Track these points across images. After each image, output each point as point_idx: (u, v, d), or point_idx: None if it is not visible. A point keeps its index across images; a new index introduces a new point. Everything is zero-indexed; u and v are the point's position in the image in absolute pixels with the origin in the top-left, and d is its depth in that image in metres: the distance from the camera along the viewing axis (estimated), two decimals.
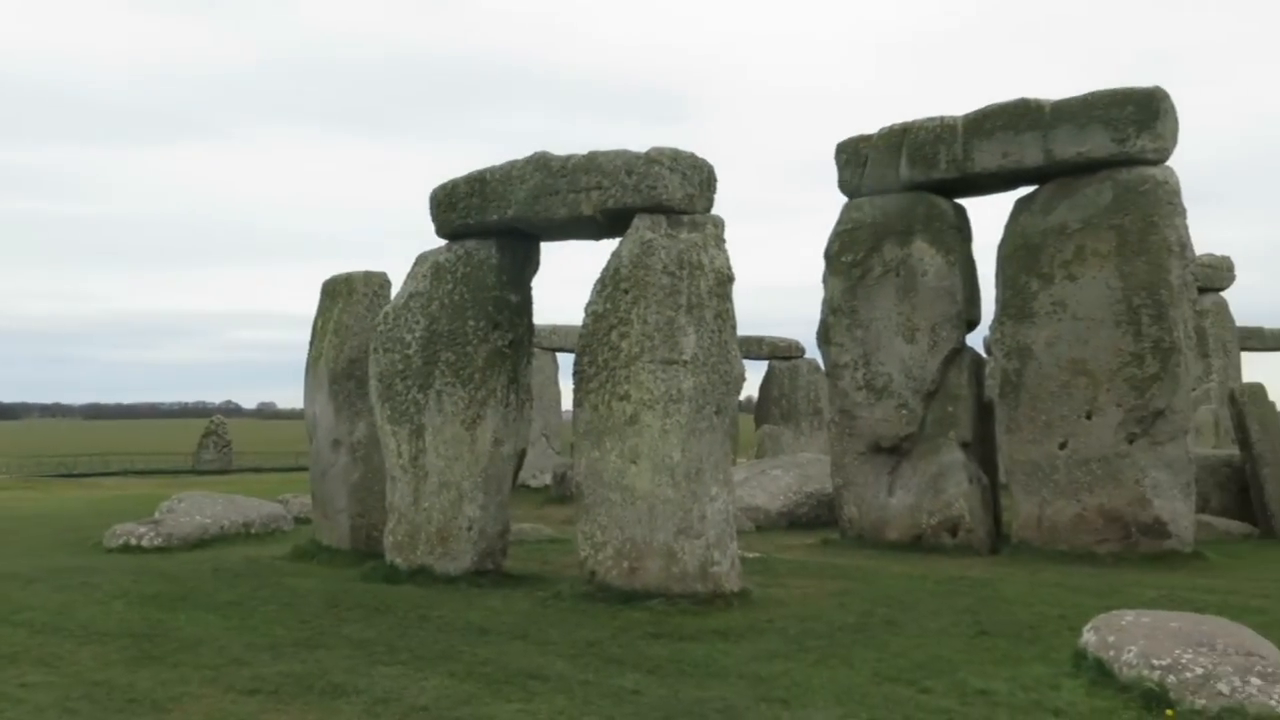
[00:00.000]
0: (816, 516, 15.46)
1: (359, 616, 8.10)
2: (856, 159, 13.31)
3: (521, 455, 10.32)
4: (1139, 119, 11.41)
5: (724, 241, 9.15)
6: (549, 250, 10.55)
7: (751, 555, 11.05)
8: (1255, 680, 5.29)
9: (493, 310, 10.03)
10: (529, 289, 10.40)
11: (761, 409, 29.10)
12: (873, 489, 12.86)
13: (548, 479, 22.14)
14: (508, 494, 10.13)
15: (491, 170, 10.02)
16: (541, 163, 9.62)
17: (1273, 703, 5.17)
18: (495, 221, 9.92)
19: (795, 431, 27.52)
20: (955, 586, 9.43)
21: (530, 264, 10.38)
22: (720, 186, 9.29)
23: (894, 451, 12.73)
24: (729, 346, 8.90)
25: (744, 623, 7.75)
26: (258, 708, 5.71)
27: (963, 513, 12.20)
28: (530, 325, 10.40)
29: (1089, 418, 11.50)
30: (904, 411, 12.62)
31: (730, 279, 9.02)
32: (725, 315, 8.91)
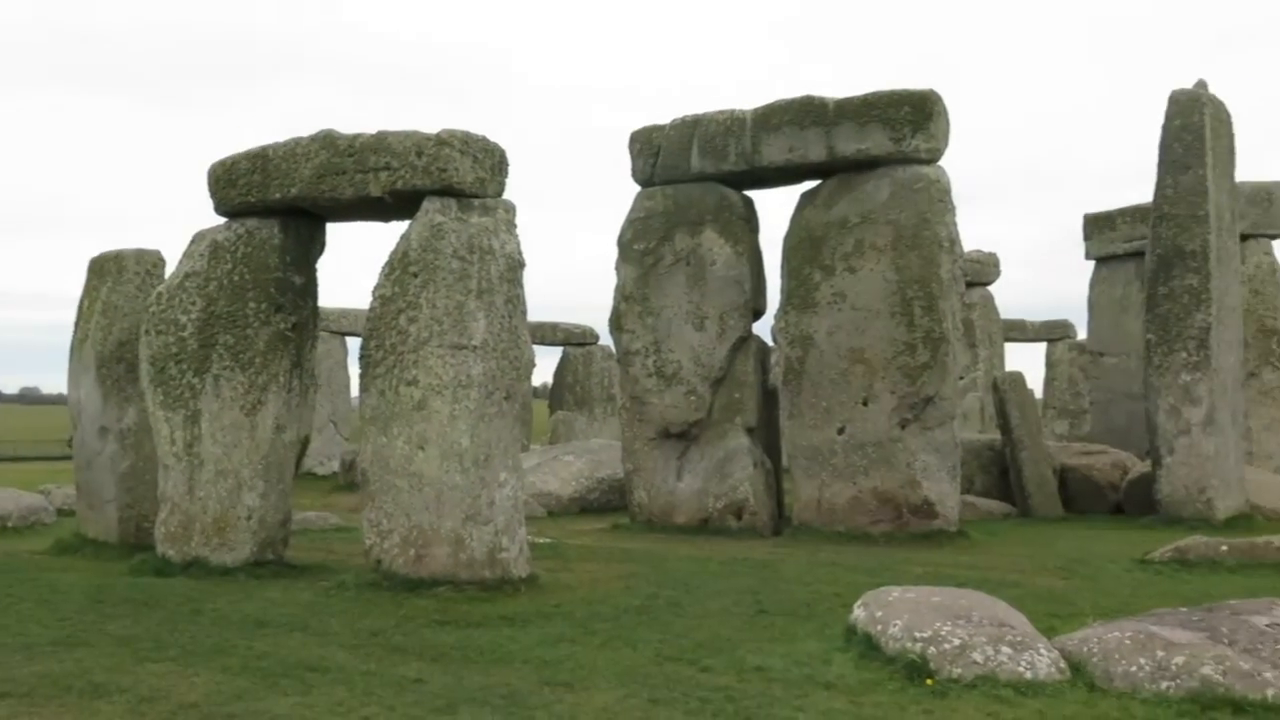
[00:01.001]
0: (608, 501, 15.63)
1: (125, 612, 7.70)
2: (649, 149, 13.48)
3: (305, 442, 10.03)
4: (914, 120, 11.97)
5: (515, 226, 9.11)
6: (341, 231, 10.27)
7: (542, 541, 11.07)
8: (1006, 649, 5.64)
9: (275, 292, 9.69)
10: (314, 270, 10.10)
11: (555, 395, 29.19)
12: (662, 474, 13.09)
13: (336, 466, 21.61)
14: (290, 482, 9.83)
15: (275, 146, 9.67)
16: (328, 141, 9.35)
17: (1021, 669, 5.53)
18: (278, 200, 9.59)
19: (589, 417, 27.74)
20: (738, 567, 9.70)
21: (315, 244, 10.08)
22: (514, 172, 9.25)
23: (683, 437, 12.99)
24: (519, 332, 8.88)
25: (531, 608, 7.75)
26: (8, 712, 5.35)
27: (747, 496, 12.56)
28: (315, 308, 10.10)
29: (866, 404, 12.02)
30: (693, 398, 12.88)
31: (521, 264, 8.99)
32: (516, 301, 8.88)
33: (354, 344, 24.30)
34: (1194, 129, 13.19)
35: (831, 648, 6.34)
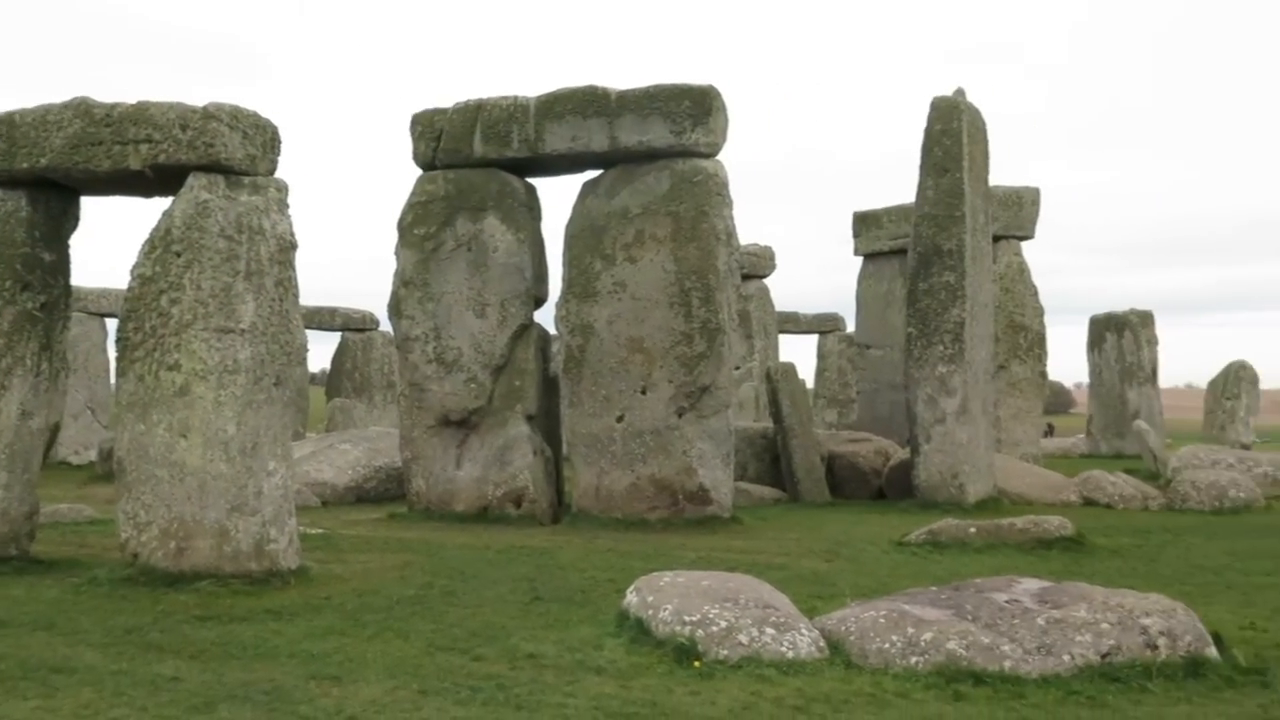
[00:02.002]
0: (386, 491, 15.32)
1: None
2: (431, 132, 13.25)
3: (55, 429, 9.42)
4: (694, 114, 12.19)
5: (288, 207, 8.80)
6: (100, 206, 9.67)
7: (314, 531, 10.76)
8: (770, 630, 5.85)
9: (22, 269, 9.05)
10: (66, 247, 9.48)
11: (334, 382, 28.41)
12: (441, 462, 12.93)
13: (93, 455, 20.39)
14: (37, 472, 9.21)
15: (23, 112, 9.01)
16: (83, 109, 8.78)
17: (783, 649, 5.74)
18: (26, 170, 8.94)
19: (368, 405, 27.11)
20: (515, 555, 9.69)
21: (68, 219, 9.46)
22: (289, 150, 8.93)
23: (463, 425, 12.86)
24: (290, 316, 8.59)
25: (300, 601, 7.53)
26: None
27: (527, 484, 12.55)
28: (68, 286, 9.49)
29: (644, 393, 12.20)
30: (473, 385, 12.77)
31: (293, 246, 8.69)
32: (287, 283, 8.58)
33: (114, 326, 23.04)
34: (953, 134, 13.96)
35: (604, 633, 6.41)
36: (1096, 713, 5.01)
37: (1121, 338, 24.71)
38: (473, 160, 13.00)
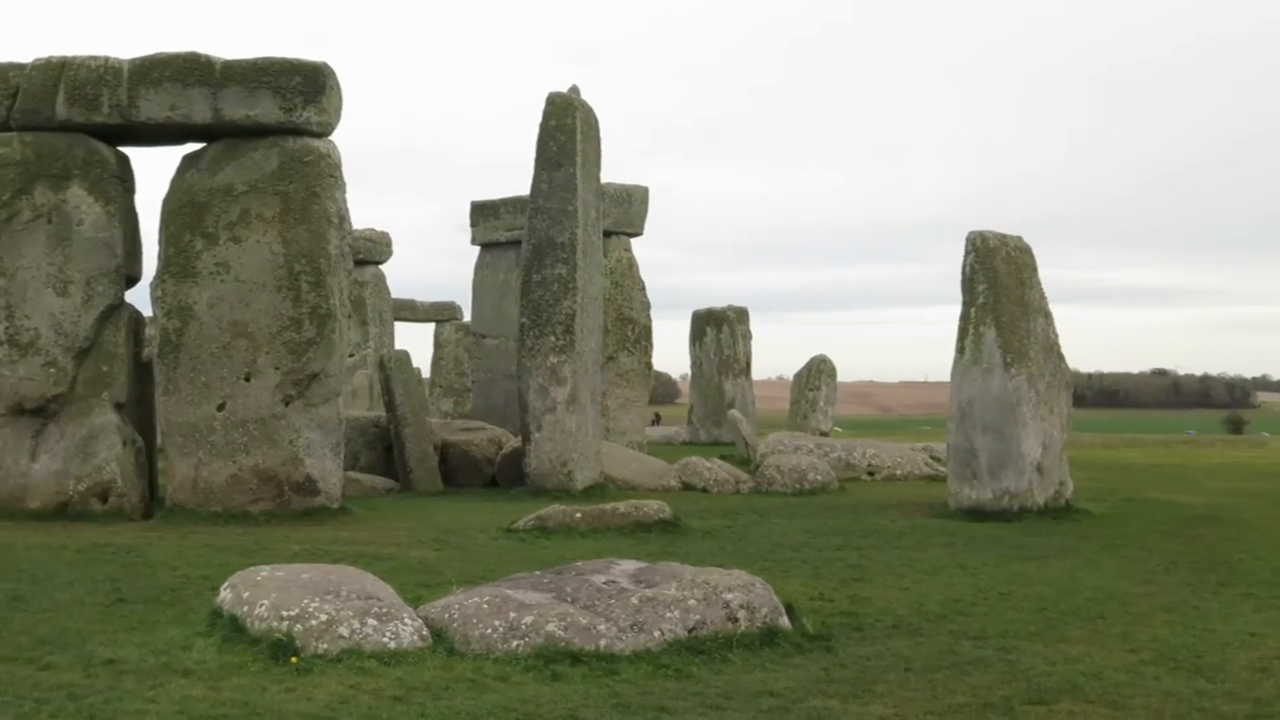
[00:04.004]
0: None
1: None
2: (6, 89, 11.94)
3: None
4: (306, 91, 11.76)
5: None
6: None
7: None
8: (372, 622, 5.74)
9: None
10: None
11: None
12: (14, 454, 11.74)
13: None
14: None
15: None
16: None
17: (385, 640, 5.66)
18: None
19: None
20: (98, 554, 8.96)
21: None
22: None
23: (40, 413, 11.73)
24: None
25: None
26: None
27: (114, 477, 11.63)
28: None
29: (248, 380, 11.64)
30: (52, 370, 11.67)
31: None
32: None
33: None
34: (567, 129, 14.33)
35: (194, 633, 6.06)
36: (683, 684, 5.30)
37: (720, 332, 26.41)
38: (55, 123, 11.86)
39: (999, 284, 12.20)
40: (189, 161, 12.10)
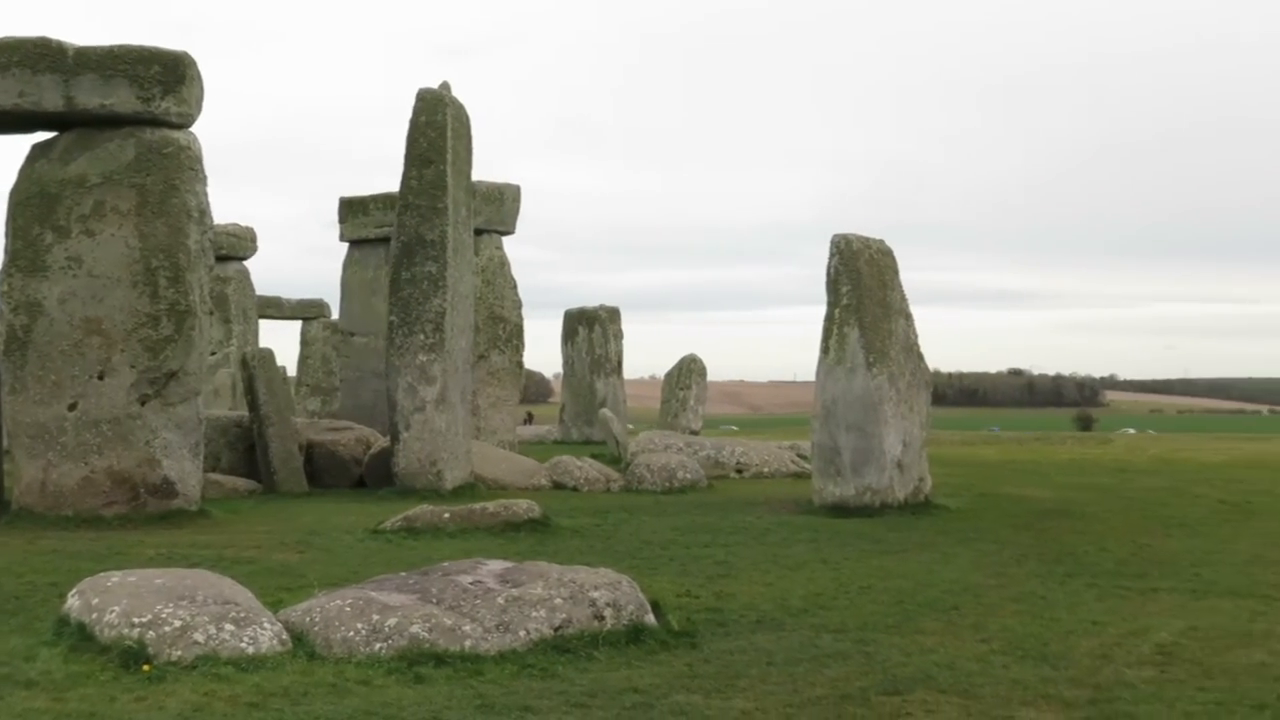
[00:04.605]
0: None
1: None
2: None
3: None
4: (165, 80, 11.39)
5: None
6: None
7: None
8: (229, 626, 5.60)
9: None
10: None
11: None
12: None
13: None
14: None
15: None
16: None
17: (243, 645, 5.52)
18: None
19: None
20: None
21: None
22: None
23: None
24: None
25: None
26: None
27: None
28: None
29: (102, 378, 11.23)
30: None
31: None
32: None
33: None
34: (437, 126, 14.19)
35: (39, 642, 5.82)
36: (548, 683, 5.31)
37: (592, 331, 26.47)
38: None
39: (862, 286, 12.50)
40: (39, 151, 11.62)
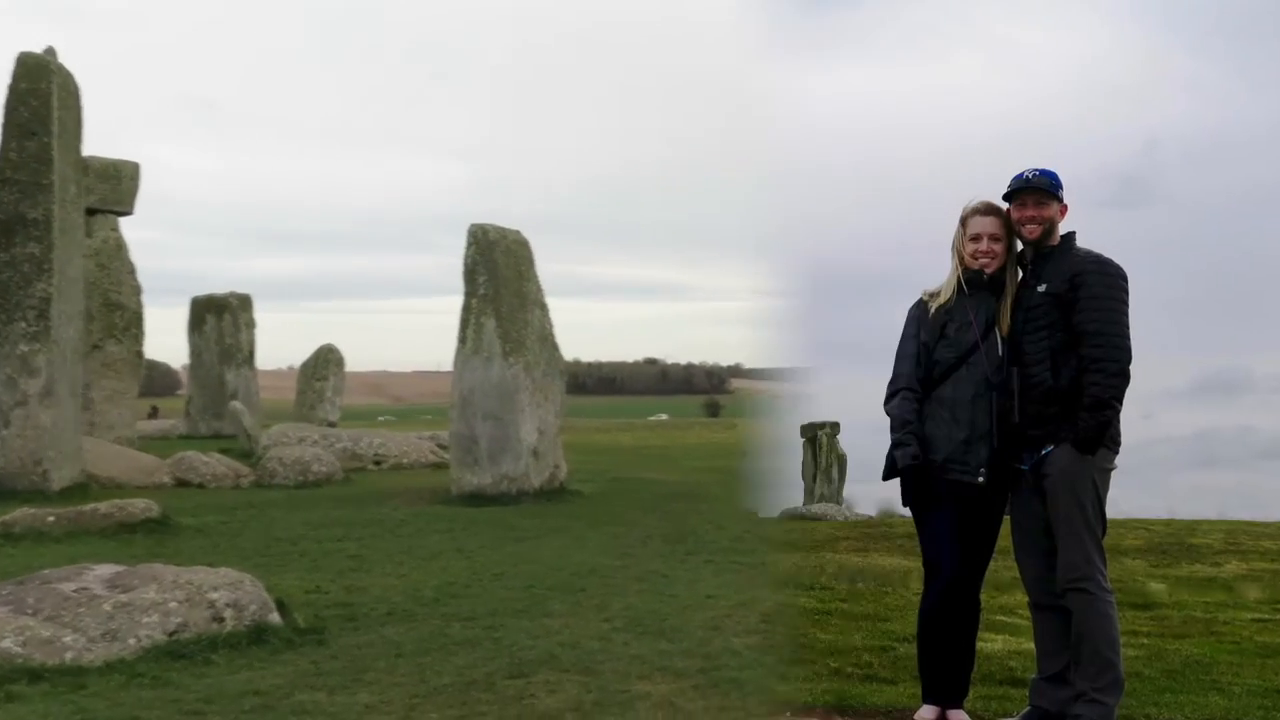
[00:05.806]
0: None
1: None
2: None
3: None
4: None
5: None
6: None
7: None
8: None
9: None
10: None
11: None
12: None
13: None
14: None
15: None
16: None
17: None
18: None
19: None
20: None
21: None
22: None
23: None
24: None
25: None
26: None
27: None
28: None
29: None
30: None
31: None
32: None
33: None
34: (41, 95, 13.01)
35: None
36: (159, 691, 5.03)
37: (221, 320, 25.16)
38: None
39: (499, 276, 12.67)
40: None
